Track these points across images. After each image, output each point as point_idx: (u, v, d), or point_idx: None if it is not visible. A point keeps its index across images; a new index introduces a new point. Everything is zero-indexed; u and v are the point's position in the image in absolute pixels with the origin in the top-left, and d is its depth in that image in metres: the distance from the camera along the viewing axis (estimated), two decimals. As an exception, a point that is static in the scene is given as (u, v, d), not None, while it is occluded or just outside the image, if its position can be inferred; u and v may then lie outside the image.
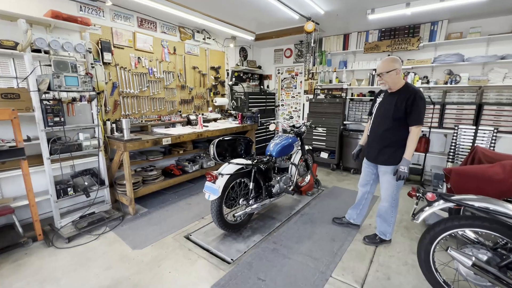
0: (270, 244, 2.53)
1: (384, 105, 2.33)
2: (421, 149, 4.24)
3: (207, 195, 2.43)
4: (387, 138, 2.29)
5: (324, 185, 4.18)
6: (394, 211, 2.43)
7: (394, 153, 2.25)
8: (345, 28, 4.61)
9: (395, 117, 2.20)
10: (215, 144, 2.71)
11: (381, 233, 2.52)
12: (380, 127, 2.35)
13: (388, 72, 2.19)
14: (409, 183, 4.24)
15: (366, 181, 2.65)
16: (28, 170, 2.41)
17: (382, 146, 2.33)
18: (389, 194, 2.37)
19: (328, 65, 5.15)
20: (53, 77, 2.34)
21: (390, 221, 2.45)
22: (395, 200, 2.40)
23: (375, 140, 2.40)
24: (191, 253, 2.37)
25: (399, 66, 2.17)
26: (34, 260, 2.26)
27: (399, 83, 2.22)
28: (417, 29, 4.17)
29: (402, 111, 2.16)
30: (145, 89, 3.82)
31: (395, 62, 2.18)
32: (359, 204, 2.76)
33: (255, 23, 4.42)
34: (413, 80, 4.27)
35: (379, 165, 2.42)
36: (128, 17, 3.52)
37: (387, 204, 2.41)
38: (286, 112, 6.26)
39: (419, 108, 2.11)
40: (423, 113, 2.14)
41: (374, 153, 2.41)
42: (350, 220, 2.83)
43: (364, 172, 2.65)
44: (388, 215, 2.44)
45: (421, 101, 2.11)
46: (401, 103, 2.16)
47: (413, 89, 2.15)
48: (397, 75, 2.19)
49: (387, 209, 2.43)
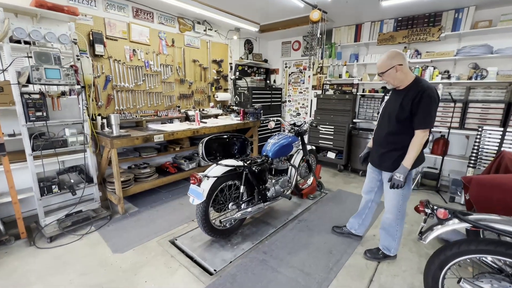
0: (260, 254, 2.31)
1: (389, 104, 2.02)
2: (438, 152, 3.84)
3: (191, 198, 2.24)
4: (391, 143, 2.00)
5: (329, 187, 3.89)
6: (400, 224, 2.13)
7: (399, 158, 1.94)
8: (357, 17, 4.22)
9: (399, 118, 1.89)
10: (204, 143, 2.50)
11: (385, 247, 2.23)
12: (383, 129, 2.05)
13: (386, 71, 1.88)
14: (423, 188, 3.86)
15: (370, 188, 2.36)
16: (9, 166, 2.33)
17: (386, 151, 2.03)
18: (394, 205, 2.08)
19: (338, 59, 4.79)
20: (32, 70, 2.21)
21: (395, 235, 2.16)
22: (401, 212, 2.10)
23: (379, 143, 2.11)
24: (173, 260, 2.21)
25: (398, 61, 1.84)
26: (12, 260, 2.17)
27: (405, 79, 1.90)
28: (438, 18, 3.73)
29: (407, 111, 1.84)
30: (140, 83, 3.67)
31: (393, 58, 1.86)
32: (362, 213, 2.47)
33: (258, 13, 4.15)
34: (432, 75, 3.85)
35: (383, 172, 2.12)
36: (123, 7, 3.36)
37: (392, 216, 2.12)
38: (293, 108, 5.96)
39: (427, 108, 1.78)
40: (432, 115, 1.81)
41: (378, 158, 2.12)
42: (352, 230, 2.56)
43: (369, 178, 2.36)
44: (392, 228, 2.15)
45: (430, 100, 1.77)
46: (407, 103, 1.84)
47: (422, 86, 1.81)
48: (398, 72, 1.86)
49: (392, 221, 2.13)
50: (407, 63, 1.89)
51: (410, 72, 1.92)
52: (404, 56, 1.88)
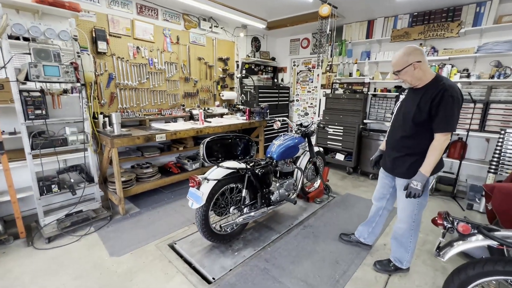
0: (262, 261, 2.19)
1: (405, 105, 1.83)
2: (456, 155, 3.61)
3: (190, 202, 2.14)
4: (406, 147, 1.82)
5: (336, 191, 3.72)
6: (414, 235, 1.96)
7: (415, 164, 1.76)
8: (369, 13, 4.02)
9: (416, 120, 1.71)
10: (205, 144, 2.40)
11: (397, 259, 2.07)
12: (397, 132, 1.87)
13: (403, 69, 1.70)
14: (438, 194, 3.63)
15: (382, 195, 2.18)
16: (8, 165, 2.29)
17: (400, 155, 1.86)
18: (408, 215, 1.91)
19: (348, 56, 4.59)
20: (30, 67, 2.16)
21: (408, 247, 1.99)
22: (415, 222, 1.92)
23: (392, 147, 1.94)
24: (171, 266, 2.11)
25: (417, 58, 1.66)
26: (8, 260, 2.13)
27: (424, 77, 1.71)
28: (457, 12, 3.49)
29: (425, 113, 1.65)
30: (144, 81, 3.60)
31: (410, 54, 1.67)
32: (372, 220, 2.30)
33: (265, 9, 4.00)
34: (450, 73, 3.61)
35: (397, 178, 1.95)
36: (126, 3, 3.29)
37: (406, 226, 1.95)
38: (301, 108, 5.79)
39: (449, 109, 1.59)
40: (455, 117, 1.61)
41: (391, 162, 1.94)
42: (360, 238, 2.39)
43: (380, 184, 2.18)
44: (406, 239, 1.98)
45: (452, 100, 1.57)
46: (425, 103, 1.65)
47: (443, 85, 1.62)
48: (416, 70, 1.68)
49: (405, 232, 1.96)
50: (426, 60, 1.70)
51: (430, 69, 1.74)
52: (423, 52, 1.70)
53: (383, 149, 2.17)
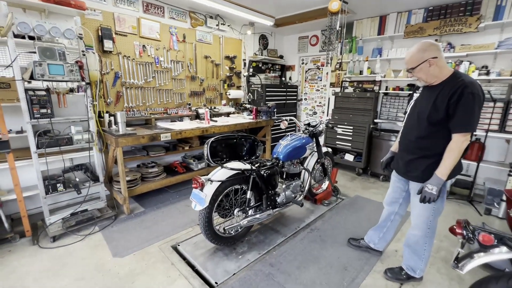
0: (266, 266, 2.11)
1: (420, 103, 1.72)
2: (473, 157, 3.42)
3: (193, 204, 2.08)
4: (421, 148, 1.70)
5: (345, 193, 3.60)
6: (428, 243, 1.84)
7: (431, 166, 1.64)
8: (381, 8, 3.86)
9: (432, 120, 1.59)
10: (209, 144, 2.34)
11: (409, 268, 1.95)
12: (411, 133, 1.75)
13: (417, 66, 1.59)
14: (453, 198, 3.46)
15: (394, 199, 2.06)
16: (14, 164, 2.29)
17: (415, 157, 1.74)
18: (423, 221, 1.79)
19: (359, 54, 4.44)
20: (35, 65, 2.15)
21: (421, 255, 1.87)
22: (430, 229, 1.80)
23: (405, 148, 1.82)
24: (173, 269, 2.07)
25: (432, 53, 1.54)
26: (13, 259, 2.14)
27: (440, 74, 1.59)
28: (477, 6, 3.29)
29: (442, 112, 1.53)
30: (150, 79, 3.58)
31: (425, 50, 1.55)
32: (383, 225, 2.19)
33: (273, 5, 3.91)
34: (467, 70, 3.42)
35: (410, 181, 1.84)
36: (133, 1, 3.27)
37: (420, 233, 1.83)
38: (309, 106, 5.67)
39: (469, 108, 1.46)
40: (475, 115, 1.48)
41: (404, 165, 1.83)
42: (370, 244, 2.29)
43: (392, 188, 2.06)
44: (420, 247, 1.86)
45: (473, 98, 1.45)
46: (442, 101, 1.53)
47: (462, 81, 1.49)
48: (432, 67, 1.56)
49: (419, 239, 1.84)
50: (442, 55, 1.58)
51: (447, 65, 1.61)
52: (439, 47, 1.57)
53: (394, 151, 2.04)
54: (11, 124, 2.58)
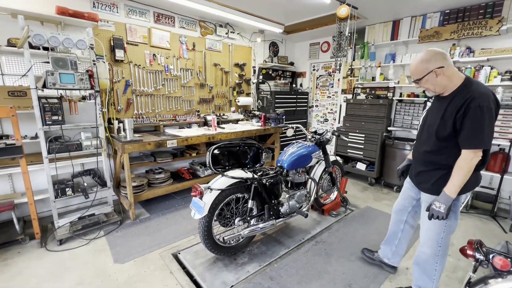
0: (266, 279, 2.03)
1: (430, 115, 1.62)
2: (496, 168, 3.18)
3: (192, 212, 2.06)
4: (431, 162, 1.61)
5: (356, 203, 3.45)
6: (440, 262, 1.69)
7: (442, 179, 1.53)
8: (394, 12, 3.74)
9: (440, 135, 1.50)
10: (211, 151, 2.32)
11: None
12: (421, 146, 1.67)
13: (423, 77, 1.49)
14: (474, 212, 3.21)
15: (402, 207, 1.97)
16: (26, 168, 2.39)
17: (425, 170, 1.65)
18: (433, 238, 1.65)
19: (371, 59, 4.31)
20: (47, 75, 2.26)
21: (431, 275, 1.72)
22: (442, 247, 1.65)
23: (417, 160, 1.76)
24: (171, 277, 2.04)
25: (438, 63, 1.43)
26: (21, 261, 2.21)
27: (450, 84, 1.48)
28: (497, 7, 3.10)
29: (450, 126, 1.43)
30: (160, 87, 3.66)
31: (430, 60, 1.44)
32: (393, 237, 2.06)
33: (282, 13, 3.90)
34: (489, 76, 3.21)
35: (422, 193, 1.72)
36: (144, 12, 3.38)
37: (429, 250, 1.69)
38: (320, 113, 5.56)
39: (476, 122, 1.35)
40: (485, 130, 1.35)
41: (415, 175, 1.76)
42: (384, 259, 2.15)
43: (403, 195, 1.96)
44: (430, 266, 1.72)
45: (481, 112, 1.33)
46: (450, 115, 1.43)
47: (471, 93, 1.38)
48: (439, 77, 1.45)
49: (429, 258, 1.70)
50: (450, 63, 1.46)
51: (458, 73, 1.49)
52: (445, 55, 1.46)
53: (411, 158, 1.93)
54: (27, 130, 2.71)
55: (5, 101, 2.44)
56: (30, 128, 2.71)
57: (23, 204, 2.75)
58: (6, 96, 2.45)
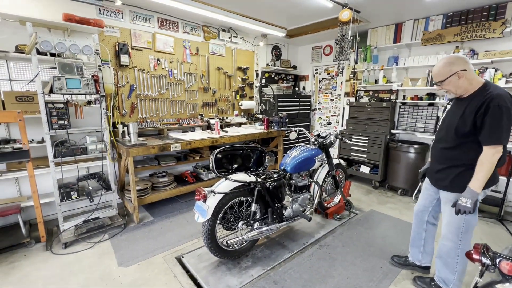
0: (270, 283, 2.03)
1: (449, 115, 1.74)
2: (502, 171, 3.14)
3: (196, 216, 2.07)
4: (449, 159, 1.71)
5: (360, 207, 3.43)
6: (461, 255, 1.76)
7: (459, 176, 1.65)
8: (397, 15, 3.75)
9: (459, 132, 1.61)
10: (215, 155, 2.33)
11: (441, 280, 1.87)
12: (439, 143, 1.78)
13: (446, 79, 1.61)
14: (481, 215, 3.17)
15: (424, 207, 2.03)
16: (33, 172, 2.42)
17: (443, 167, 1.75)
18: (453, 232, 1.75)
19: (374, 62, 4.31)
20: (54, 80, 2.30)
21: (453, 268, 1.78)
22: (462, 241, 1.73)
23: (435, 159, 1.85)
24: (175, 281, 2.04)
25: (461, 66, 1.56)
26: (27, 264, 2.23)
27: (470, 86, 1.60)
28: (501, 10, 3.09)
29: (469, 125, 1.55)
30: (164, 91, 3.70)
31: (453, 63, 1.57)
32: (418, 238, 2.10)
33: (284, 17, 3.93)
34: (493, 78, 3.19)
35: (440, 191, 1.81)
36: (148, 18, 3.44)
37: (451, 244, 1.78)
38: (323, 116, 5.56)
39: (496, 120, 1.46)
40: (504, 128, 1.46)
41: (433, 174, 1.85)
42: (416, 262, 2.15)
43: (423, 195, 2.04)
44: (451, 259, 1.78)
45: (500, 110, 1.45)
46: (469, 114, 1.55)
47: (490, 94, 1.50)
48: (461, 79, 1.58)
49: (450, 250, 1.78)
50: (471, 68, 1.59)
51: (477, 77, 1.61)
52: (467, 60, 1.58)
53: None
54: (34, 134, 2.76)
55: (12, 106, 2.49)
56: (36, 132, 2.76)
57: (29, 208, 2.79)
58: (14, 101, 2.50)
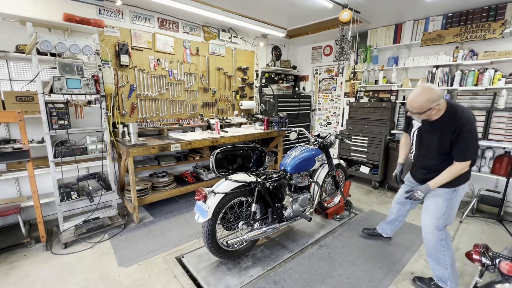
0: (270, 283, 2.03)
1: (426, 137, 1.88)
2: (502, 172, 3.15)
3: (196, 216, 2.07)
4: (436, 169, 1.86)
5: (360, 207, 3.43)
6: (447, 247, 1.86)
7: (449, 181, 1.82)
8: (397, 16, 3.75)
9: (441, 151, 1.79)
10: (215, 155, 2.34)
11: (439, 279, 1.90)
12: (424, 158, 1.95)
13: (423, 112, 1.71)
14: (480, 216, 3.17)
15: (405, 201, 2.29)
16: (33, 172, 2.41)
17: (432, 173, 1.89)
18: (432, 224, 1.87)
19: (374, 63, 4.32)
20: (54, 80, 2.30)
21: (443, 262, 1.85)
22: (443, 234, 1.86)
23: (423, 168, 1.99)
24: (175, 281, 2.04)
25: (438, 101, 1.65)
26: (27, 264, 2.23)
27: (440, 112, 1.74)
28: (501, 10, 3.10)
29: (448, 144, 1.73)
30: (164, 91, 3.70)
31: (433, 101, 1.65)
32: (395, 220, 2.48)
33: (284, 17, 3.93)
34: (492, 79, 3.19)
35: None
36: (149, 18, 3.44)
37: (432, 237, 1.88)
38: (323, 117, 5.56)
39: (467, 142, 1.66)
40: (472, 148, 1.68)
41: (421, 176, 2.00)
42: (383, 234, 2.60)
43: (405, 187, 2.25)
44: (439, 253, 1.87)
45: (471, 134, 1.65)
46: (446, 136, 1.71)
47: (461, 118, 1.66)
48: (434, 111, 1.69)
49: (436, 244, 1.87)
50: (442, 95, 1.70)
51: (443, 101, 1.73)
52: (439, 92, 1.67)
53: (402, 162, 2.26)
54: (34, 134, 2.76)
55: (13, 106, 2.49)
56: (36, 132, 2.76)
57: (29, 208, 2.79)
58: (14, 101, 2.50)
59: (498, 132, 3.09)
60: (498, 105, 3.15)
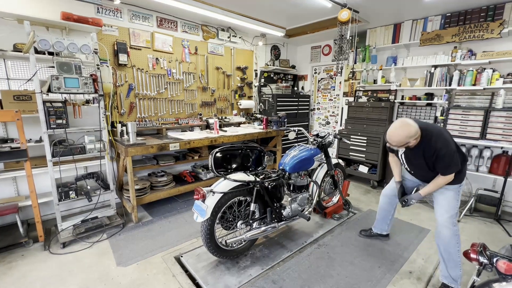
0: (268, 283, 2.03)
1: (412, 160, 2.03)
2: (500, 171, 3.16)
3: (195, 215, 2.07)
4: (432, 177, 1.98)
5: (358, 207, 3.44)
6: (458, 243, 1.91)
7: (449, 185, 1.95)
8: (396, 16, 3.76)
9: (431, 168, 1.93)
10: (214, 154, 2.33)
11: (450, 278, 1.92)
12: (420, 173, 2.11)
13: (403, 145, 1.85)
14: (478, 215, 3.19)
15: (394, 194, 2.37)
16: (31, 171, 2.41)
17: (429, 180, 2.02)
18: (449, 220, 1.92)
19: (372, 62, 4.32)
20: (52, 79, 2.29)
21: (457, 259, 1.90)
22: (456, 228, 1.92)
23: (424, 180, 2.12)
24: (173, 281, 2.04)
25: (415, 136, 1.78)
26: (25, 264, 2.22)
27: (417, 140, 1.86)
28: (499, 10, 3.11)
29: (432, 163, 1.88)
30: (162, 91, 3.69)
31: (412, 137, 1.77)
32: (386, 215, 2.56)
33: (283, 17, 3.93)
34: (491, 78, 3.21)
35: None
36: (147, 17, 3.43)
37: (448, 232, 1.89)
38: (322, 116, 5.57)
39: (448, 161, 1.81)
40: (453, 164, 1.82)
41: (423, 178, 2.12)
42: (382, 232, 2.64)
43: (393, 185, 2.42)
44: (453, 249, 1.89)
45: (448, 154, 1.79)
46: (428, 158, 1.86)
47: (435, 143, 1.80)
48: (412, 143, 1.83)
49: (451, 239, 1.89)
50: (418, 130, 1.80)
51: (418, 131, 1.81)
52: (416, 127, 1.78)
53: (400, 180, 2.31)
54: (32, 133, 2.75)
55: (10, 105, 2.48)
56: (34, 131, 2.75)
57: (27, 207, 2.77)
58: (12, 100, 2.49)
59: (496, 132, 3.11)
60: (496, 104, 3.16)
